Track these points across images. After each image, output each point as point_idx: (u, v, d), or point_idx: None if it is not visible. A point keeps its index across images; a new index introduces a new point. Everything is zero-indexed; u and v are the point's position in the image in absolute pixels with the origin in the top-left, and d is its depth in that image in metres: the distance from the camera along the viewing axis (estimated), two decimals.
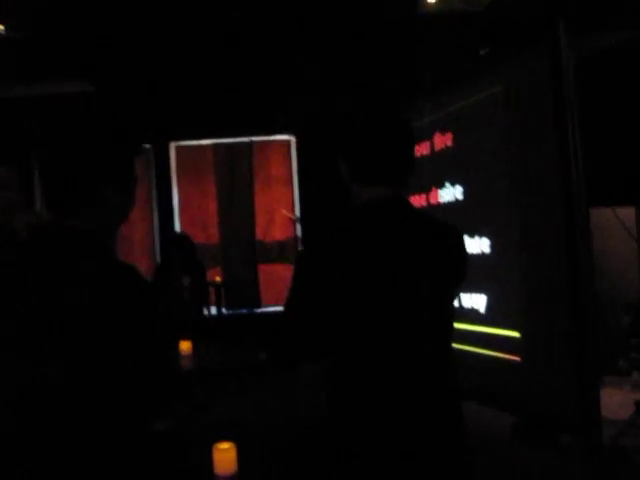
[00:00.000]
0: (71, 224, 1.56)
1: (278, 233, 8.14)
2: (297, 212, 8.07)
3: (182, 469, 2.20)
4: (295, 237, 7.98)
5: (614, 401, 4.39)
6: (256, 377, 3.59)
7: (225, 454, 2.12)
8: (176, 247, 6.45)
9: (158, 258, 7.95)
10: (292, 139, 8.14)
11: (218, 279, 7.67)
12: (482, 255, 4.34)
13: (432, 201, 5.04)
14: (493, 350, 4.28)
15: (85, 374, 1.42)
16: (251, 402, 3.00)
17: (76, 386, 1.41)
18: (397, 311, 1.73)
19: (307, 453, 1.53)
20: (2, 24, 4.94)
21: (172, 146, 8.18)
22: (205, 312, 6.89)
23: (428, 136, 5.06)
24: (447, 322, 1.87)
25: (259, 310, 7.96)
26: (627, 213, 4.14)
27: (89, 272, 1.49)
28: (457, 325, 4.29)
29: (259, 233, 8.12)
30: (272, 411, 2.65)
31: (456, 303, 4.50)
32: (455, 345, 1.98)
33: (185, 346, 4.59)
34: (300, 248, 2.04)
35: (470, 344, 4.42)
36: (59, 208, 1.58)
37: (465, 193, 4.63)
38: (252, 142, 8.14)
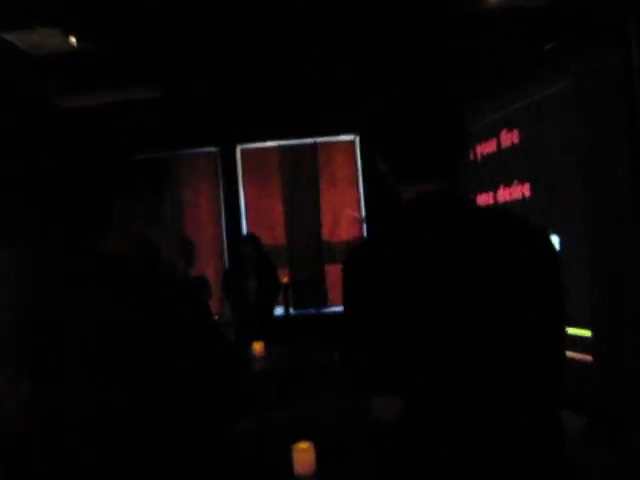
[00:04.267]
0: (102, 249, 1.55)
1: (344, 233, 8.16)
2: (362, 212, 8.08)
3: (262, 468, 2.24)
4: (361, 236, 8.00)
5: None
6: (329, 376, 3.61)
7: (304, 454, 2.13)
8: (248, 248, 6.53)
9: (227, 260, 8.07)
10: (356, 139, 8.16)
11: (285, 280, 7.74)
12: None
13: (500, 199, 4.99)
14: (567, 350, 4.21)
15: (147, 393, 1.44)
16: (326, 401, 3.02)
17: (140, 406, 1.44)
18: (471, 330, 1.39)
19: (382, 454, 1.49)
20: (74, 36, 5.08)
21: (238, 149, 8.30)
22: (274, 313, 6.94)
23: (493, 134, 5.02)
24: (546, 344, 1.47)
25: (326, 310, 8.01)
26: None
27: (127, 294, 1.50)
28: None
29: (325, 233, 8.17)
30: (348, 410, 2.66)
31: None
32: None
33: (258, 347, 4.66)
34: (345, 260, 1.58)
35: None
36: (84, 231, 1.59)
37: (533, 189, 4.57)
38: (316, 143, 8.19)
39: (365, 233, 7.88)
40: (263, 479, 2.15)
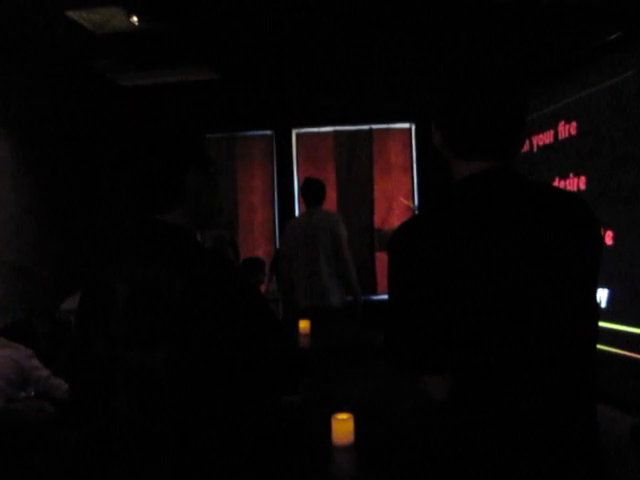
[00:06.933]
0: (165, 220, 1.59)
1: (396, 221, 8.12)
2: (416, 201, 8.03)
3: (301, 438, 2.25)
4: None
5: None
6: (375, 359, 3.61)
7: (343, 424, 2.13)
8: None
9: (277, 244, 8.12)
10: (412, 127, 8.10)
11: None
12: (605, 247, 4.19)
13: None
14: (616, 347, 4.13)
15: (189, 361, 1.46)
16: (368, 380, 3.02)
17: (181, 374, 1.46)
18: (527, 304, 1.38)
19: (434, 431, 1.48)
20: (136, 15, 5.13)
21: (294, 132, 8.32)
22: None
23: (552, 125, 4.93)
24: (590, 310, 1.49)
25: (375, 297, 7.98)
26: None
27: (183, 260, 1.52)
28: None
29: (377, 221, 8.15)
30: (391, 389, 2.64)
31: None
32: None
33: (304, 325, 4.68)
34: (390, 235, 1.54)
35: None
36: (147, 205, 1.60)
37: (589, 183, 4.48)
38: (372, 130, 8.16)
39: None
40: (302, 448, 2.16)
